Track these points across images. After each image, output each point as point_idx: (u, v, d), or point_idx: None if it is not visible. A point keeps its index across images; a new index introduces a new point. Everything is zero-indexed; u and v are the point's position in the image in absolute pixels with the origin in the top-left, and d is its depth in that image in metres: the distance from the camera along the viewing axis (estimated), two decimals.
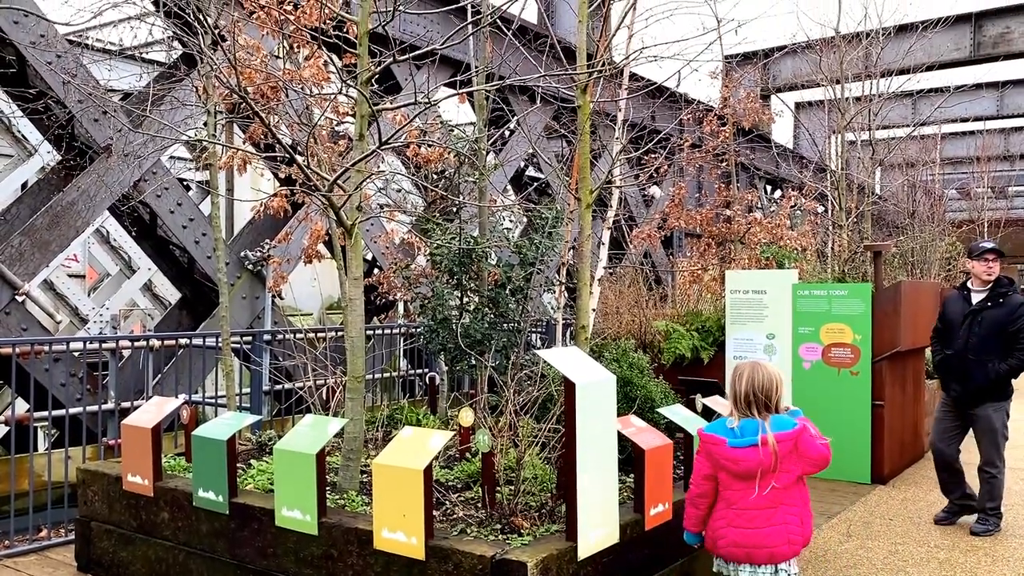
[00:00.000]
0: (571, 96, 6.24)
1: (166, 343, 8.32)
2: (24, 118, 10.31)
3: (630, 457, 4.50)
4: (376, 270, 11.75)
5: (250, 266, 10.51)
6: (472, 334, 6.45)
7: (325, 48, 7.02)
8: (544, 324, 10.06)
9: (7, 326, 8.55)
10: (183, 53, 9.84)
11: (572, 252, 7.48)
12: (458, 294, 6.79)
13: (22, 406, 9.52)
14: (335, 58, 7.32)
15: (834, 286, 8.09)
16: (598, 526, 3.92)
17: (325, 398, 5.69)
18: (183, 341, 8.43)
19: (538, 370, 5.56)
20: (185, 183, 15.21)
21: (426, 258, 7.80)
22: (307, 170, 4.41)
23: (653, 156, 7.66)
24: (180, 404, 5.37)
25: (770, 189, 22.15)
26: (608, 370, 4.21)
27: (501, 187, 12.67)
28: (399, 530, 3.82)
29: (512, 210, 8.10)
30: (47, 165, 14.25)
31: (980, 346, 5.91)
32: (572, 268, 7.34)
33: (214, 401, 8.05)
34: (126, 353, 9.40)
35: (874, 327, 7.52)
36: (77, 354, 8.70)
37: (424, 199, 9.82)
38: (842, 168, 12.47)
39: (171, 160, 16.16)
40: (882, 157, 14.45)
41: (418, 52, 5.07)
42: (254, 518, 4.44)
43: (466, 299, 6.82)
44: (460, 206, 7.30)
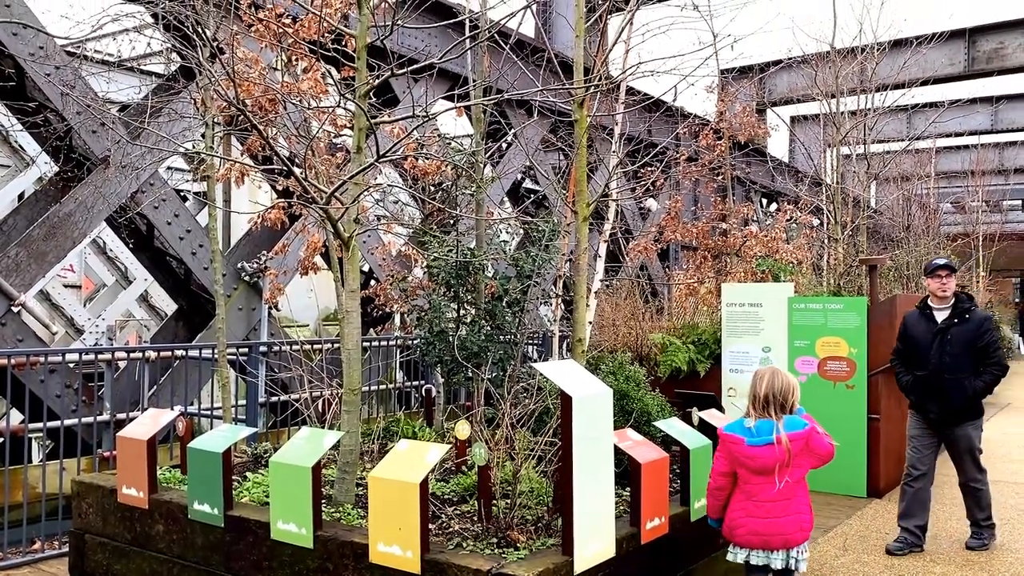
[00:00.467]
0: (568, 109, 6.28)
1: (162, 354, 8.31)
2: (22, 130, 10.32)
3: (626, 470, 4.50)
4: (373, 282, 11.74)
5: (247, 278, 10.51)
6: (469, 346, 6.45)
7: (323, 61, 7.05)
8: (541, 337, 10.07)
9: (2, 337, 8.53)
10: (181, 65, 9.88)
11: (569, 265, 7.49)
12: (455, 306, 6.79)
13: (16, 417, 9.48)
14: (333, 71, 7.34)
15: (830, 300, 8.11)
16: (594, 540, 3.91)
17: (321, 410, 5.69)
18: (179, 353, 8.42)
19: (535, 383, 5.55)
20: (182, 194, 15.23)
21: (423, 270, 7.81)
22: (305, 182, 4.43)
23: (650, 169, 7.68)
24: (176, 416, 5.36)
25: (766, 202, 22.22)
26: (605, 383, 4.21)
27: (498, 200, 12.68)
28: (395, 544, 3.81)
29: (509, 223, 8.12)
30: (44, 176, 14.28)
31: (954, 364, 5.78)
32: (569, 281, 7.36)
33: (210, 413, 8.02)
34: (122, 364, 9.38)
35: (869, 341, 7.54)
36: (73, 365, 8.68)
37: (421, 211, 9.83)
38: (837, 182, 12.51)
39: (168, 171, 16.19)
40: (877, 171, 14.50)
41: (416, 66, 5.10)
42: (249, 531, 4.43)
43: (463, 311, 6.83)
44: (457, 218, 7.32)
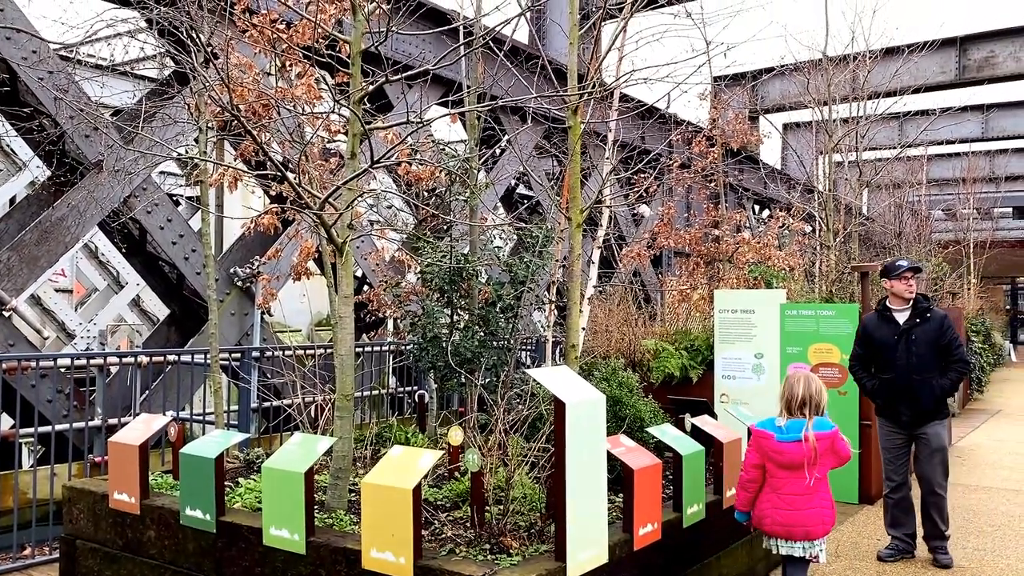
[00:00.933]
0: (562, 116, 6.30)
1: (154, 359, 8.28)
2: (15, 134, 10.29)
3: (619, 476, 4.50)
4: (366, 287, 11.74)
5: (239, 283, 10.49)
6: (462, 352, 6.45)
7: (317, 67, 7.05)
8: (534, 342, 10.07)
9: None
10: (175, 70, 9.86)
11: (562, 271, 7.51)
12: (448, 312, 6.80)
13: (7, 422, 9.43)
14: (327, 76, 7.35)
15: (822, 306, 8.14)
16: (587, 546, 3.92)
17: (314, 416, 5.67)
18: (171, 358, 8.40)
19: (528, 389, 5.56)
20: (175, 199, 15.20)
21: (416, 276, 7.81)
22: (298, 188, 4.43)
23: (643, 176, 7.71)
24: (168, 421, 5.35)
25: (758, 209, 22.29)
26: (598, 389, 4.22)
27: (492, 205, 12.70)
28: (388, 550, 3.81)
29: (503, 229, 8.13)
30: (37, 180, 14.23)
31: (920, 364, 5.81)
32: (562, 287, 7.38)
33: (202, 418, 8.01)
34: (114, 369, 9.34)
35: None
36: (64, 370, 8.65)
37: (415, 217, 9.84)
38: (829, 189, 12.58)
39: (161, 176, 16.15)
40: (869, 178, 14.59)
41: (411, 72, 5.13)
42: (242, 537, 4.42)
43: (456, 317, 6.83)
44: (451, 224, 7.32)
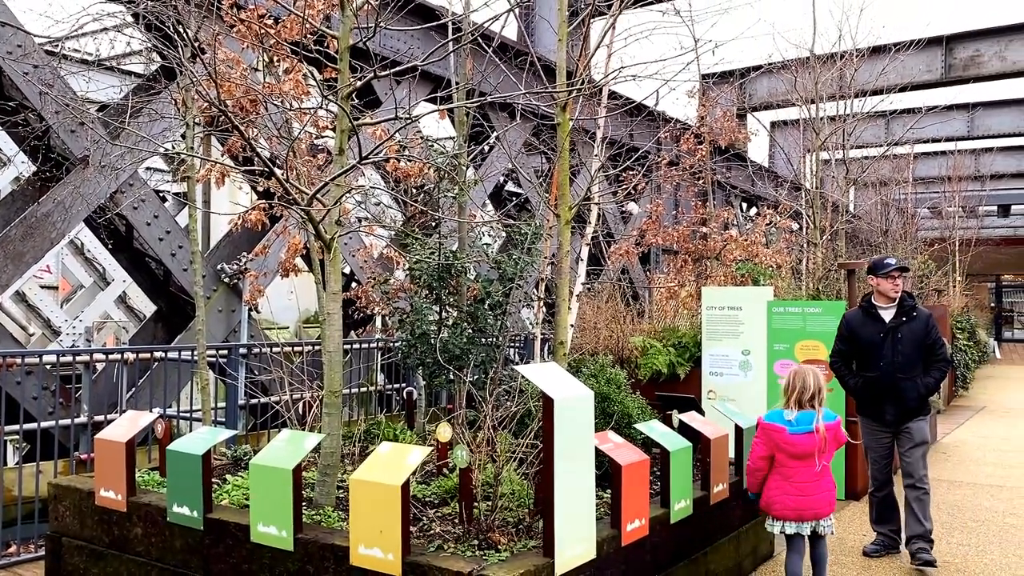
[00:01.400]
0: (551, 113, 6.30)
1: (141, 356, 8.24)
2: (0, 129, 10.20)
3: (607, 472, 4.52)
4: (354, 284, 11.71)
5: (227, 279, 10.44)
6: (451, 349, 6.45)
7: (305, 62, 7.03)
8: (523, 339, 10.08)
9: None
10: (162, 65, 9.80)
11: (551, 268, 7.51)
12: (437, 309, 6.79)
13: None
14: (315, 72, 7.33)
15: (808, 304, 8.18)
16: (575, 542, 3.93)
17: (301, 413, 5.66)
18: (158, 354, 8.35)
19: (516, 385, 5.57)
20: (162, 195, 15.11)
21: (405, 272, 7.80)
22: (286, 184, 4.41)
23: (631, 173, 7.73)
24: (155, 418, 5.32)
25: (746, 207, 22.37)
26: (586, 386, 4.23)
27: (480, 202, 12.68)
28: (376, 546, 3.81)
29: (492, 225, 8.13)
30: (22, 176, 14.10)
31: (905, 363, 5.80)
32: (551, 284, 7.38)
33: (189, 415, 7.97)
34: (100, 366, 9.28)
35: None
36: (49, 367, 8.59)
37: (403, 213, 9.82)
38: (817, 187, 12.65)
39: (148, 172, 16.04)
40: (856, 176, 14.66)
41: (399, 68, 5.11)
42: (229, 534, 4.40)
43: (445, 314, 6.83)
44: (439, 221, 7.32)
